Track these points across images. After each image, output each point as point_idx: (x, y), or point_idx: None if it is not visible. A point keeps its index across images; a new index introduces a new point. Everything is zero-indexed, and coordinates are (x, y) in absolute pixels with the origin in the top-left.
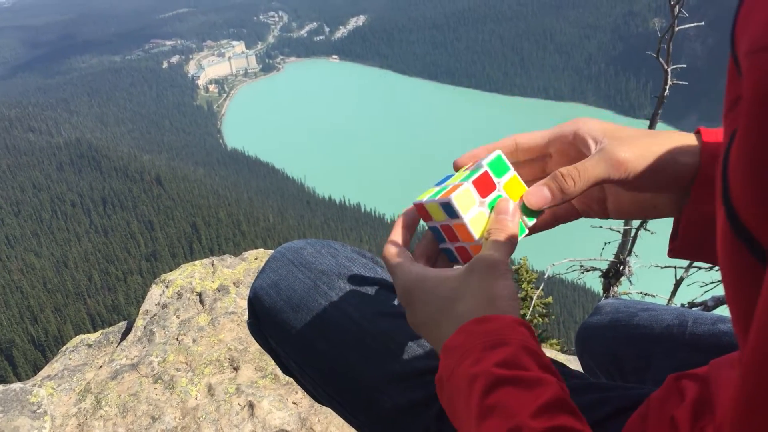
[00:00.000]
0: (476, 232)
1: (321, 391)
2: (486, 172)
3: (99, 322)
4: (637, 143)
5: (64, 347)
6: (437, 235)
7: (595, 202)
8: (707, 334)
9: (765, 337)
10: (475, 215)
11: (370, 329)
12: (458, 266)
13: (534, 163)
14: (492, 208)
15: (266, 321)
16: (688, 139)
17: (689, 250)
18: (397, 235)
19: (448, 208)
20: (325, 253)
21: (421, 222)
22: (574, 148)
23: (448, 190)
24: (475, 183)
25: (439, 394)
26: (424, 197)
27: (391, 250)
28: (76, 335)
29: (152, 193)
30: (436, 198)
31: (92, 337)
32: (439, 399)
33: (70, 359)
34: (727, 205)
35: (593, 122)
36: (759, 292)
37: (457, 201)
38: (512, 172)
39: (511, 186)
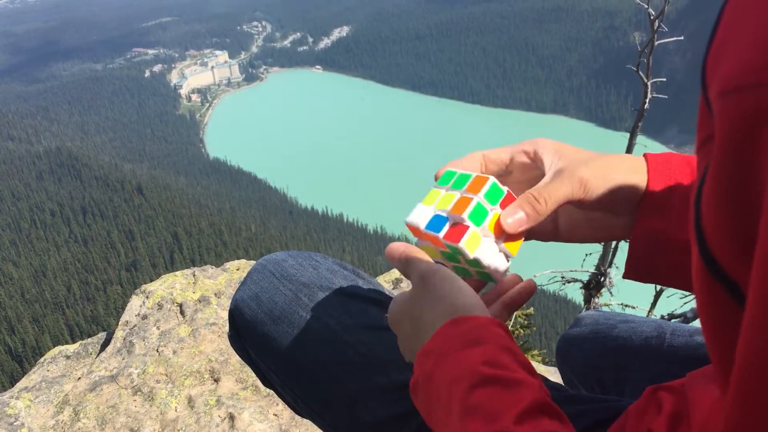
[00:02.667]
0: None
1: (301, 404)
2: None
3: (78, 333)
4: (593, 164)
5: (42, 358)
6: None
7: (548, 224)
8: (685, 346)
9: (749, 383)
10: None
11: (351, 342)
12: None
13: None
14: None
15: (247, 333)
16: (637, 160)
17: (640, 268)
18: (414, 254)
19: (461, 252)
20: (306, 265)
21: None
22: (534, 166)
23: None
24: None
25: (414, 400)
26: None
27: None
28: (54, 346)
29: (133, 203)
30: (444, 240)
31: (71, 348)
32: (415, 404)
33: (48, 371)
34: (701, 242)
35: (549, 142)
36: (736, 331)
37: (467, 246)
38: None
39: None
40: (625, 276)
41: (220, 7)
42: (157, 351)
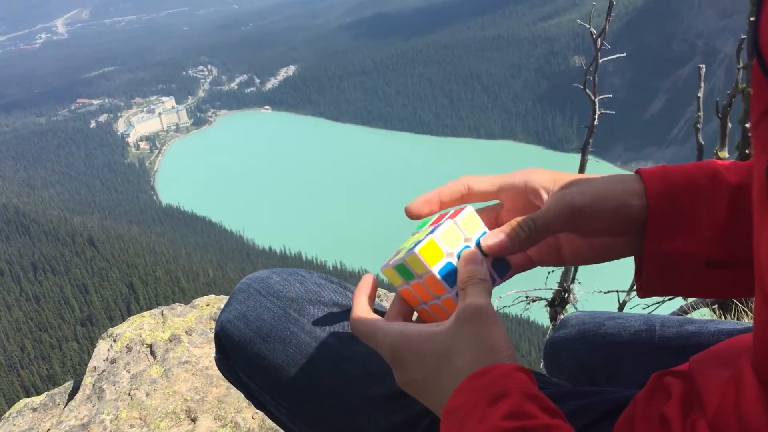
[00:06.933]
0: (449, 284)
1: (298, 422)
2: (453, 225)
3: (34, 394)
4: (587, 191)
5: (7, 413)
6: (409, 297)
7: (550, 250)
8: (676, 336)
9: None
10: (443, 265)
11: (346, 353)
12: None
13: (488, 212)
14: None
15: (235, 355)
16: (630, 179)
17: (656, 285)
18: (359, 305)
19: (416, 263)
20: (292, 280)
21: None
22: (525, 198)
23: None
24: (442, 236)
25: None
26: (390, 261)
27: (361, 319)
28: (9, 409)
29: (85, 256)
30: (399, 257)
31: (37, 400)
32: None
33: (14, 425)
34: None
35: (543, 172)
36: None
37: (423, 253)
38: (483, 229)
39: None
40: (642, 295)
41: (164, 54)
42: (129, 395)
